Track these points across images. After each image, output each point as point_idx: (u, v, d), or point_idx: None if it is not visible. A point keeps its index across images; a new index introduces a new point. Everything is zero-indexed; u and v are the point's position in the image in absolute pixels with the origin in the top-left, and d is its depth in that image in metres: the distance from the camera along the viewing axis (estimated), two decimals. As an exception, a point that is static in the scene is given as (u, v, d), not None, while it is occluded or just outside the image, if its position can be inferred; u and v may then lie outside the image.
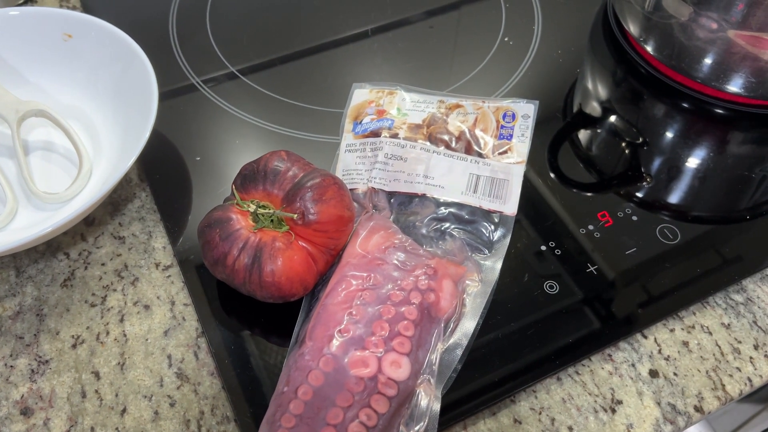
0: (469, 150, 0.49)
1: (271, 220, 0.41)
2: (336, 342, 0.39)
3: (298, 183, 0.41)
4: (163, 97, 0.57)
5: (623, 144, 0.56)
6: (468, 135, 0.50)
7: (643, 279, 0.46)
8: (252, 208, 0.41)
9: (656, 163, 0.55)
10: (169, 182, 0.51)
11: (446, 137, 0.50)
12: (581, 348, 0.43)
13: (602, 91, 0.61)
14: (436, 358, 0.41)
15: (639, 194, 0.52)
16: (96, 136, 0.53)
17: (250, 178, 0.42)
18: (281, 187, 0.41)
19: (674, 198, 0.52)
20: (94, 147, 0.53)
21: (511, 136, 0.52)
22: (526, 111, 0.53)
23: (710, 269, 0.47)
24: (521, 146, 0.51)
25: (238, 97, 0.57)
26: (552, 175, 0.52)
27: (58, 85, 0.55)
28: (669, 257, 0.48)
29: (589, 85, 0.61)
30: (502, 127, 0.52)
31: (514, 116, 0.53)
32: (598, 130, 0.57)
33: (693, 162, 0.55)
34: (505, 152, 0.50)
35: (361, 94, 0.54)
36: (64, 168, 0.52)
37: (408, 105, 0.52)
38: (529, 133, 0.52)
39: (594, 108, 0.59)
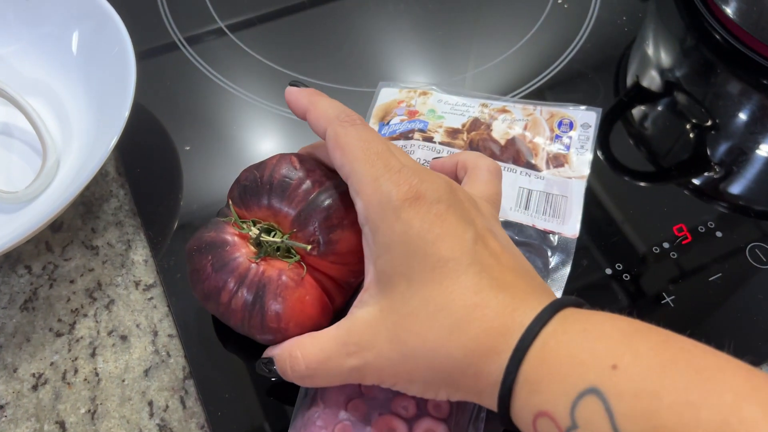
0: (518, 160, 0.40)
1: (277, 248, 0.33)
2: (354, 404, 0.31)
3: (312, 202, 0.32)
4: (143, 61, 0.47)
5: (688, 126, 0.47)
6: (517, 143, 0.41)
7: (730, 313, 0.38)
8: (254, 233, 0.32)
9: (725, 151, 0.46)
10: (153, 177, 0.43)
11: (491, 145, 0.40)
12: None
13: (666, 61, 0.51)
14: (481, 423, 0.33)
15: (713, 196, 0.43)
16: (65, 118, 0.44)
17: (251, 191, 0.33)
18: (291, 204, 0.32)
19: (755, 201, 0.43)
20: (63, 131, 0.44)
21: (569, 147, 0.42)
22: (586, 119, 0.44)
23: (812, 301, 0.39)
24: (581, 159, 0.42)
25: (236, 71, 0.48)
26: (601, 155, 0.43)
27: (18, 53, 0.46)
28: (764, 285, 0.39)
29: (650, 53, 0.51)
30: (557, 136, 0.43)
31: (572, 125, 0.43)
32: (659, 108, 0.48)
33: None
34: (561, 165, 0.41)
35: (388, 93, 0.45)
36: (27, 159, 0.43)
37: (444, 108, 0.42)
38: (590, 145, 0.43)
39: (655, 81, 0.49)
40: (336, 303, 0.34)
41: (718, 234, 0.41)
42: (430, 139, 0.40)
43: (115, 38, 0.42)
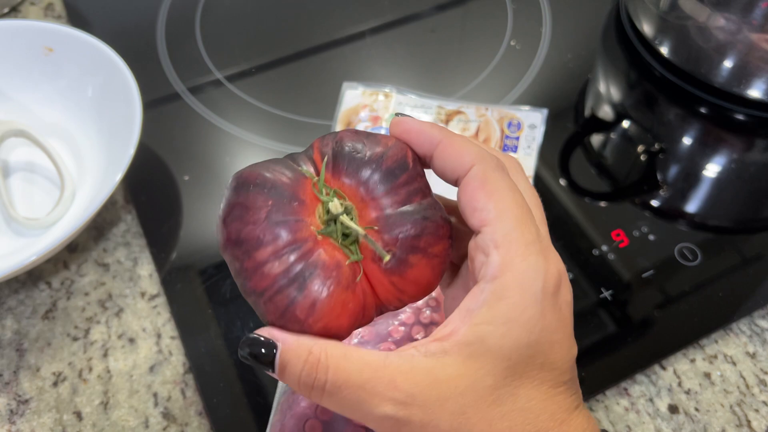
0: None
1: (344, 235, 0.27)
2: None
3: (411, 211, 0.27)
4: (150, 109, 0.54)
5: (638, 151, 0.53)
6: None
7: (661, 304, 0.43)
8: (335, 208, 0.27)
9: (673, 172, 0.52)
10: (156, 204, 0.49)
11: None
12: (595, 381, 0.40)
13: (615, 96, 0.58)
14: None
15: (655, 209, 0.48)
16: (79, 155, 0.51)
17: (351, 161, 0.28)
18: (388, 199, 0.27)
19: (693, 214, 0.49)
20: (77, 166, 0.50)
21: (516, 147, 0.48)
22: (532, 120, 0.50)
23: (733, 293, 0.44)
24: (527, 160, 0.48)
25: (228, 111, 0.55)
26: (563, 182, 0.49)
27: (40, 101, 0.53)
28: (689, 280, 0.44)
29: (602, 89, 0.58)
30: (507, 137, 0.49)
31: (519, 125, 0.49)
32: (612, 136, 0.54)
33: (713, 172, 0.52)
34: None
35: (352, 96, 0.50)
36: (47, 190, 0.49)
37: (405, 111, 0.48)
38: (535, 145, 0.49)
39: (607, 113, 0.56)
40: (365, 320, 0.28)
41: (651, 237, 0.46)
42: None
43: (123, 87, 0.48)
